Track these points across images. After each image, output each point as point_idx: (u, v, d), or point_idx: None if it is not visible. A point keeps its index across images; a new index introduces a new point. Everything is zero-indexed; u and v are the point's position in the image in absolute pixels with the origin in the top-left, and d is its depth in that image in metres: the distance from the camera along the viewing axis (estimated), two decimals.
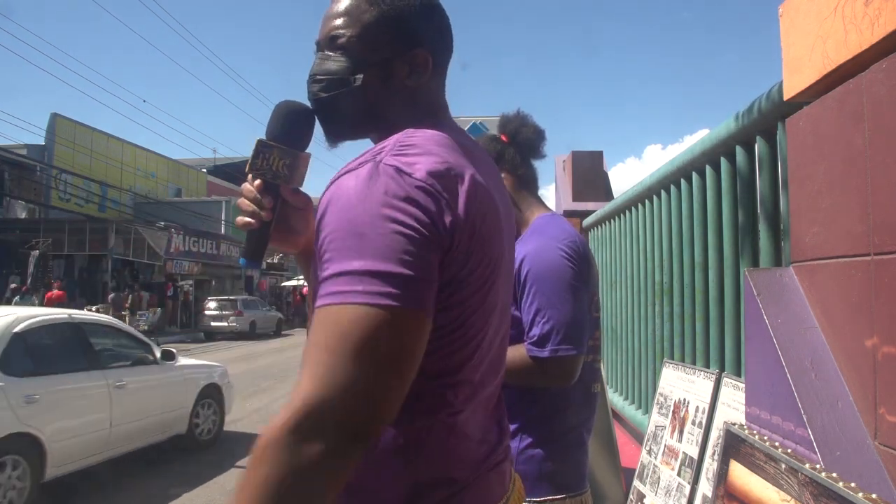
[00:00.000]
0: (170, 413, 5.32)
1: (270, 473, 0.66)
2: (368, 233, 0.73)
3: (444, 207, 0.77)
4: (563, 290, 1.42)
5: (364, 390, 0.69)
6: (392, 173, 0.76)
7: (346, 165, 0.81)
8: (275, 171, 0.91)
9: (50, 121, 20.34)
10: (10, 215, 19.90)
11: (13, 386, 3.89)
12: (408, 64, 0.90)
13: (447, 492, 0.82)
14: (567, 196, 6.10)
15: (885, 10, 1.02)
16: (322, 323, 0.72)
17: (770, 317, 1.29)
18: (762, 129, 1.99)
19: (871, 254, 1.07)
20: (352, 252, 0.72)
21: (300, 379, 0.70)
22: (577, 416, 1.53)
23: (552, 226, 1.56)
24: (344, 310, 0.71)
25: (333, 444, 0.67)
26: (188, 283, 23.08)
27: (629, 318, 4.00)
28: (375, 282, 0.71)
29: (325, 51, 0.91)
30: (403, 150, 0.80)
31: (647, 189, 3.42)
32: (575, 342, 1.40)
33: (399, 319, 0.72)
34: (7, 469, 3.77)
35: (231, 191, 31.05)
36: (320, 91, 0.90)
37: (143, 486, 4.67)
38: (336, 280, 0.72)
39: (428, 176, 0.77)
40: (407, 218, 0.74)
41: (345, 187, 0.77)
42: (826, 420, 1.12)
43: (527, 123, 1.67)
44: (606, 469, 2.98)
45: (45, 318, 4.56)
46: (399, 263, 0.72)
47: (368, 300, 0.70)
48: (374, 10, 0.89)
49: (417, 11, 0.91)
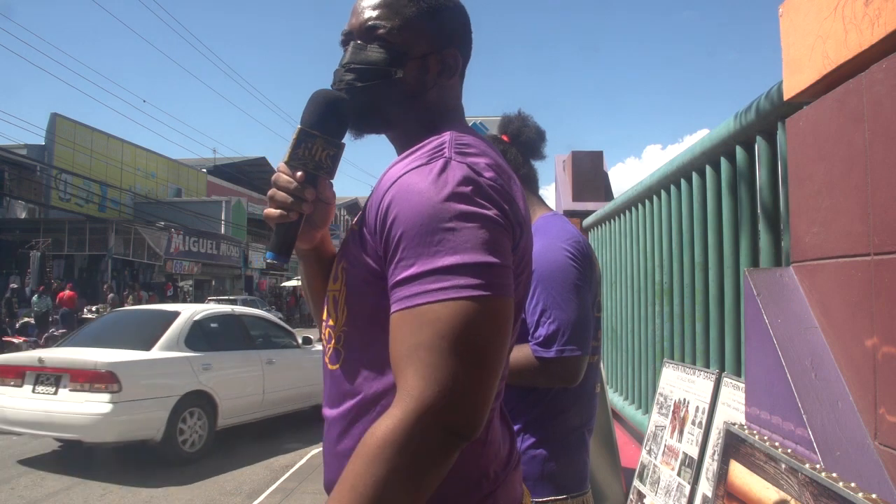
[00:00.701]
0: (309, 387, 6.59)
1: (384, 473, 0.68)
2: (451, 227, 0.74)
3: (511, 204, 0.80)
4: (568, 290, 1.42)
5: (471, 384, 0.71)
6: (465, 170, 0.78)
7: (402, 162, 0.82)
8: (317, 161, 0.87)
9: (50, 121, 20.36)
10: (10, 215, 19.91)
11: (194, 357, 5.51)
12: (440, 62, 0.91)
13: (487, 489, 0.85)
14: (567, 196, 6.10)
15: (885, 10, 1.02)
16: (417, 322, 0.72)
17: (770, 317, 1.29)
18: (762, 129, 1.99)
19: (871, 254, 1.07)
20: (436, 247, 0.73)
21: (406, 380, 0.71)
22: (579, 417, 1.53)
23: (555, 226, 1.56)
24: (441, 306, 0.71)
25: (445, 443, 0.69)
26: (188, 283, 23.08)
27: (629, 318, 4.00)
28: (466, 276, 0.72)
29: (360, 41, 0.90)
30: (464, 150, 0.81)
31: (647, 189, 3.42)
32: (580, 343, 1.40)
33: (493, 309, 0.73)
34: (193, 417, 5.39)
35: (231, 191, 31.07)
36: (356, 80, 0.89)
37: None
38: (425, 278, 0.73)
39: (495, 175, 0.80)
40: (486, 211, 0.76)
41: (414, 185, 0.77)
42: (826, 420, 1.12)
43: (528, 124, 1.68)
44: (606, 469, 2.98)
45: (214, 311, 6.38)
46: (486, 254, 0.74)
47: (463, 294, 0.71)
48: (415, 5, 0.89)
49: (452, 10, 0.92)
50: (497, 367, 0.74)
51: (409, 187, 0.77)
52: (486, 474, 0.85)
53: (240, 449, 5.77)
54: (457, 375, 0.69)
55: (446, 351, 0.70)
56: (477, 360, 0.71)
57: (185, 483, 4.72)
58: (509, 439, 0.93)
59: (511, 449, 0.92)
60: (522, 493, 0.95)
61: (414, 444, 0.68)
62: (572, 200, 5.99)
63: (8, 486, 4.55)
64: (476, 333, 0.71)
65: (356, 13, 0.91)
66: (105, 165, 21.98)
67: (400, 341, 0.73)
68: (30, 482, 4.65)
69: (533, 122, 1.68)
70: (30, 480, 4.69)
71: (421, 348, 0.70)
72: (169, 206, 23.02)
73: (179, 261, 21.37)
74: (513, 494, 0.90)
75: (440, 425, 0.69)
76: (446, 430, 0.69)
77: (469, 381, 0.70)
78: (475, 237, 0.74)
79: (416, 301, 0.73)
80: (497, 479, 0.86)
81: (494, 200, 0.78)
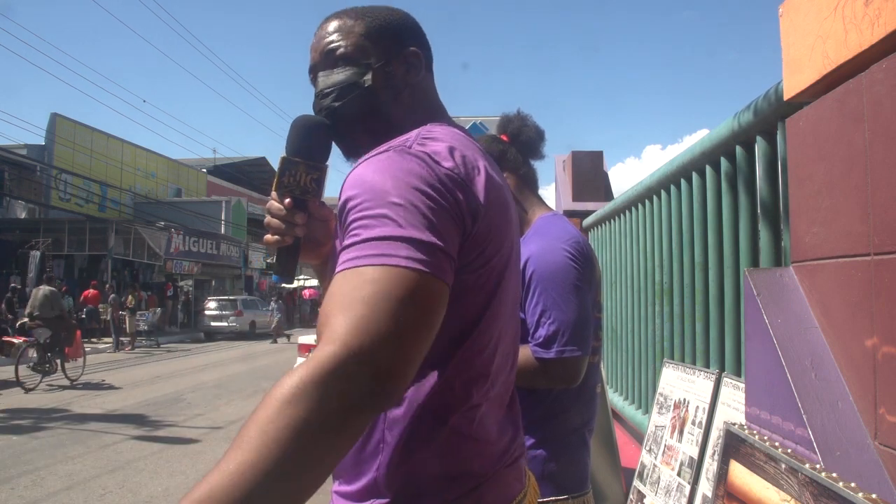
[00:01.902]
0: None
1: (302, 414, 0.63)
2: (401, 203, 0.76)
3: (467, 194, 0.82)
4: (568, 291, 1.42)
5: (398, 345, 0.70)
6: (420, 156, 0.81)
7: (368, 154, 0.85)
8: (303, 186, 0.93)
9: (50, 121, 20.34)
10: (10, 215, 19.89)
11: None
12: (403, 63, 0.97)
13: (468, 486, 0.84)
14: (567, 196, 6.10)
15: (885, 10, 1.02)
16: (357, 279, 0.72)
17: (770, 317, 1.29)
18: (762, 129, 1.99)
19: (871, 254, 1.07)
20: (386, 220, 0.75)
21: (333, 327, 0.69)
22: (580, 417, 1.53)
23: (555, 226, 1.56)
24: (381, 269, 0.72)
25: (368, 393, 0.67)
26: (188, 283, 23.07)
27: (629, 318, 4.00)
28: (410, 247, 0.74)
29: (324, 69, 0.97)
30: (426, 141, 0.85)
31: (647, 189, 3.42)
32: (580, 343, 1.40)
33: (429, 284, 0.74)
34: None
35: (231, 191, 31.05)
36: (332, 101, 0.95)
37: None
38: (369, 244, 0.74)
39: (453, 163, 0.83)
40: (436, 196, 0.78)
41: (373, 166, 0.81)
42: (826, 420, 1.12)
43: (528, 123, 1.67)
44: (606, 469, 2.98)
45: None
46: (431, 234, 0.76)
47: (405, 263, 0.73)
48: (363, 22, 0.97)
49: (398, 19, 1.00)
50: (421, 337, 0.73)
51: (366, 168, 0.81)
52: (470, 471, 0.85)
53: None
54: (387, 333, 0.69)
55: (380, 309, 0.69)
56: (407, 325, 0.71)
57: (185, 483, 4.72)
58: (510, 436, 0.93)
59: (509, 446, 0.92)
60: (522, 490, 0.93)
61: (333, 391, 0.65)
62: (572, 200, 5.99)
63: (8, 486, 4.54)
64: (411, 301, 0.72)
65: (314, 49, 0.99)
66: (105, 165, 21.97)
67: (337, 294, 0.73)
68: (30, 482, 4.65)
69: (532, 122, 1.68)
70: (30, 480, 4.69)
71: (357, 302, 0.70)
72: (169, 206, 23.00)
73: (179, 261, 21.35)
74: (505, 492, 0.89)
75: (362, 374, 0.66)
76: (369, 383, 0.67)
77: (396, 342, 0.69)
78: (420, 217, 0.76)
79: (359, 262, 0.74)
80: (483, 476, 0.86)
81: (446, 187, 0.80)
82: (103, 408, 7.67)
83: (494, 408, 0.90)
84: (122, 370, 11.58)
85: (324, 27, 0.99)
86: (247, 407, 7.94)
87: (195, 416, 7.24)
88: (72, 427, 6.53)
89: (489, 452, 0.88)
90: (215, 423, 6.90)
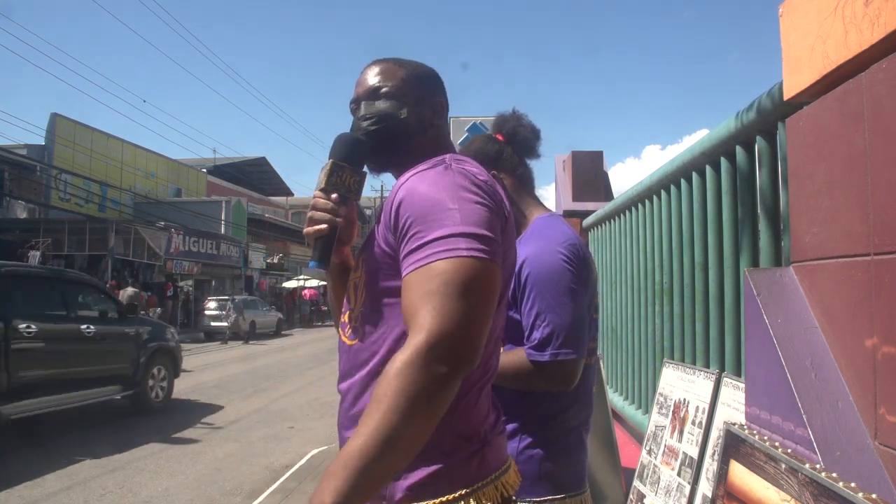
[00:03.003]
0: None
1: (407, 386, 0.81)
2: (455, 206, 0.93)
3: (498, 200, 1.01)
4: (563, 293, 1.41)
5: (472, 322, 0.86)
6: (460, 171, 1.00)
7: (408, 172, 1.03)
8: (347, 186, 1.12)
9: (50, 121, 20.34)
10: (10, 215, 19.88)
11: None
12: (430, 107, 1.18)
13: (476, 445, 1.01)
14: (567, 196, 6.10)
15: (885, 10, 1.02)
16: (428, 274, 0.88)
17: (770, 317, 1.29)
18: (762, 128, 1.99)
19: (871, 254, 1.07)
20: (443, 222, 0.92)
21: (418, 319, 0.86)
22: (577, 417, 1.53)
23: (551, 227, 1.55)
24: (447, 262, 0.88)
25: (454, 367, 0.84)
26: (188, 283, 23.06)
27: (629, 318, 4.00)
28: (471, 240, 0.90)
29: (367, 101, 1.16)
30: (461, 162, 1.04)
31: (647, 189, 3.42)
32: (575, 346, 1.39)
33: (490, 270, 0.91)
34: None
35: (231, 191, 31.06)
36: (371, 125, 1.14)
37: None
38: (434, 243, 0.90)
39: (486, 177, 1.03)
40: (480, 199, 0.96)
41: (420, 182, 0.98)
42: (826, 420, 1.12)
43: (523, 123, 1.66)
44: (606, 469, 2.98)
45: None
46: (485, 227, 0.93)
47: (469, 253, 0.89)
48: (404, 70, 1.17)
49: (430, 71, 1.22)
50: (488, 315, 0.91)
51: (416, 184, 0.98)
52: (477, 433, 1.02)
53: (239, 448, 5.77)
54: (461, 314, 0.85)
55: (452, 295, 0.86)
56: (475, 304, 0.87)
57: (185, 483, 4.72)
58: (496, 411, 1.10)
59: (497, 418, 1.10)
60: (508, 457, 1.10)
61: (427, 367, 0.82)
62: (572, 200, 5.98)
63: (8, 486, 4.55)
64: (475, 284, 0.88)
65: (360, 84, 1.18)
66: (105, 165, 21.97)
67: (413, 291, 0.89)
68: (30, 482, 4.65)
69: (528, 121, 1.67)
70: (30, 480, 4.69)
71: (432, 294, 0.86)
72: (169, 206, 23.00)
73: (179, 261, 21.34)
74: (499, 455, 1.06)
75: (448, 352, 0.84)
76: (453, 356, 0.84)
77: (470, 320, 0.86)
78: (473, 215, 0.93)
79: (426, 260, 0.89)
80: (485, 439, 1.03)
81: (487, 192, 0.99)
82: (103, 407, 7.66)
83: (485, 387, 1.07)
84: None
85: (371, 68, 1.18)
86: (247, 407, 7.95)
87: (195, 417, 7.24)
88: (72, 427, 6.53)
89: (488, 421, 1.05)
90: (215, 423, 6.90)
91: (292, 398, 8.66)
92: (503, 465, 1.06)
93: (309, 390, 9.39)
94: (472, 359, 0.87)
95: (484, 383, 1.05)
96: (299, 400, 8.49)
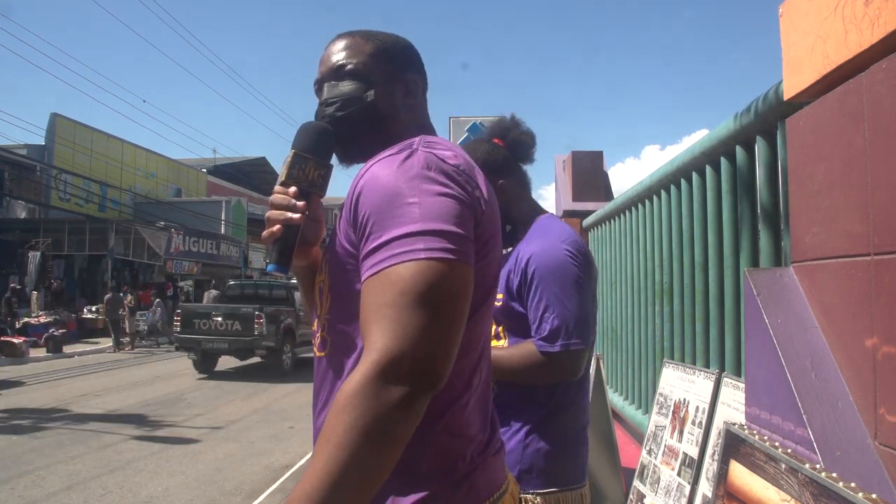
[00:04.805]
0: None
1: (355, 419, 0.71)
2: (415, 200, 0.81)
3: (473, 187, 0.88)
4: (569, 286, 1.47)
5: (433, 336, 0.75)
6: (428, 155, 0.87)
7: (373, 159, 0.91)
8: (310, 180, 0.99)
9: (50, 121, 20.32)
10: (10, 215, 19.87)
11: None
12: (403, 86, 1.04)
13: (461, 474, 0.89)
14: (567, 196, 6.10)
15: (885, 10, 1.02)
16: (382, 284, 0.77)
17: (770, 317, 1.29)
18: (762, 129, 1.99)
19: (871, 254, 1.07)
20: (400, 219, 0.80)
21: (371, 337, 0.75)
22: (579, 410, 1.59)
23: (554, 226, 1.61)
24: (403, 267, 0.77)
25: (411, 388, 0.73)
26: (188, 283, 23.04)
27: (629, 318, 4.00)
28: (431, 239, 0.78)
29: (330, 82, 1.03)
30: (431, 145, 0.91)
31: (647, 189, 3.42)
32: (583, 336, 1.46)
33: (456, 271, 0.79)
34: None
35: (231, 191, 31.03)
36: (336, 111, 1.01)
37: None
38: (389, 245, 0.79)
39: (457, 161, 0.89)
40: (448, 186, 0.84)
41: (381, 171, 0.86)
42: (826, 420, 1.12)
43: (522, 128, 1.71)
44: (606, 469, 2.98)
45: None
46: (445, 223, 0.80)
47: (427, 255, 0.77)
48: (371, 44, 1.03)
49: (403, 45, 1.08)
50: (455, 324, 0.78)
51: (376, 173, 0.86)
52: (462, 456, 0.90)
53: (240, 448, 5.77)
54: (417, 328, 0.74)
55: (407, 306, 0.74)
56: (436, 314, 0.75)
57: (185, 483, 4.72)
58: (490, 428, 0.98)
59: (491, 437, 0.97)
60: (505, 479, 0.98)
61: (378, 393, 0.72)
62: (572, 200, 5.98)
63: (8, 486, 4.54)
64: (436, 290, 0.76)
65: (324, 62, 1.05)
66: (105, 165, 21.95)
67: (366, 305, 0.78)
68: (30, 482, 4.65)
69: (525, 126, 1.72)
70: (30, 480, 4.69)
71: (384, 306, 0.75)
72: (169, 206, 22.98)
73: (179, 261, 21.33)
74: (493, 478, 0.94)
75: (403, 374, 0.73)
76: (409, 378, 0.73)
77: (429, 334, 0.74)
78: (436, 208, 0.81)
79: (381, 266, 0.78)
80: (474, 462, 0.91)
81: (456, 181, 0.86)
82: (103, 408, 7.66)
83: (479, 402, 0.95)
84: (122, 370, 11.57)
85: (335, 43, 1.05)
86: (247, 407, 7.95)
87: (195, 416, 7.24)
88: (72, 427, 6.53)
89: (477, 442, 0.93)
90: (215, 423, 6.90)
91: (292, 398, 8.67)
92: (498, 490, 0.94)
93: (309, 390, 9.32)
94: (435, 378, 0.75)
95: (469, 399, 0.92)
96: (299, 400, 8.49)
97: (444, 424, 0.88)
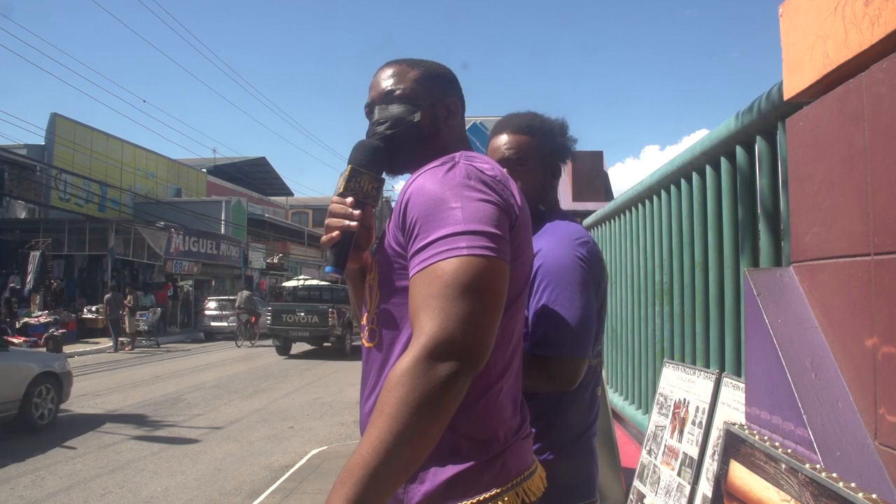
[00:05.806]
0: None
1: (407, 393, 0.81)
2: (457, 205, 0.92)
3: (508, 195, 1.00)
4: (573, 290, 1.37)
5: (474, 322, 0.85)
6: (469, 167, 0.99)
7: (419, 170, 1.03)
8: (365, 192, 1.12)
9: (50, 121, 20.32)
10: (10, 215, 19.87)
11: None
12: (445, 108, 1.18)
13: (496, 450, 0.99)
14: (567, 196, 6.10)
15: (885, 10, 1.02)
16: (429, 277, 0.88)
17: (770, 317, 1.29)
18: (762, 129, 1.99)
19: (871, 254, 1.07)
20: (445, 221, 0.91)
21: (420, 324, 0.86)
22: (585, 421, 1.50)
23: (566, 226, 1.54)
24: (447, 262, 0.88)
25: (457, 367, 0.83)
26: (188, 283, 23.05)
27: (629, 318, 4.00)
28: (472, 238, 0.89)
29: (381, 105, 1.16)
30: (471, 158, 1.03)
31: (647, 189, 3.42)
32: (581, 345, 1.35)
33: (495, 266, 0.90)
34: None
35: (231, 191, 31.05)
36: (386, 130, 1.14)
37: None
38: (435, 244, 0.90)
39: (495, 173, 1.02)
40: (487, 193, 0.96)
41: (427, 180, 0.98)
42: (826, 420, 1.12)
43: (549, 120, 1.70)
44: (606, 469, 2.97)
45: None
46: (488, 224, 0.92)
47: (469, 252, 0.88)
48: (417, 71, 1.17)
49: (444, 71, 1.21)
50: (494, 313, 0.89)
51: (423, 183, 0.98)
52: (497, 437, 0.99)
53: (240, 448, 5.77)
54: (461, 315, 0.84)
55: (451, 296, 0.85)
56: (477, 303, 0.86)
57: (185, 483, 4.72)
58: (521, 415, 1.08)
59: (522, 423, 1.07)
60: (534, 461, 1.07)
61: (427, 371, 0.82)
62: (572, 200, 5.99)
63: (8, 486, 4.54)
64: (477, 282, 0.87)
65: (374, 87, 1.18)
66: (105, 165, 21.95)
67: (415, 296, 0.89)
68: (30, 482, 4.65)
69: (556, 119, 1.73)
70: (30, 480, 4.69)
71: (431, 297, 0.86)
72: (169, 206, 22.98)
73: (179, 261, 21.34)
74: (523, 460, 1.03)
75: (449, 355, 0.83)
76: (454, 358, 0.83)
77: (471, 319, 0.85)
78: (476, 212, 0.92)
79: (427, 262, 0.89)
80: (507, 443, 1.00)
81: (494, 189, 0.98)
82: (103, 408, 7.67)
83: (511, 390, 1.05)
84: (122, 370, 11.58)
85: (384, 70, 1.18)
86: (247, 407, 7.94)
87: (195, 416, 7.24)
88: (72, 427, 6.53)
89: (510, 425, 1.03)
90: (215, 423, 6.90)
91: (292, 398, 8.66)
92: (527, 470, 1.03)
93: (309, 390, 9.39)
94: (476, 359, 0.85)
95: (504, 384, 1.02)
96: (299, 400, 8.49)
97: (482, 408, 0.98)
